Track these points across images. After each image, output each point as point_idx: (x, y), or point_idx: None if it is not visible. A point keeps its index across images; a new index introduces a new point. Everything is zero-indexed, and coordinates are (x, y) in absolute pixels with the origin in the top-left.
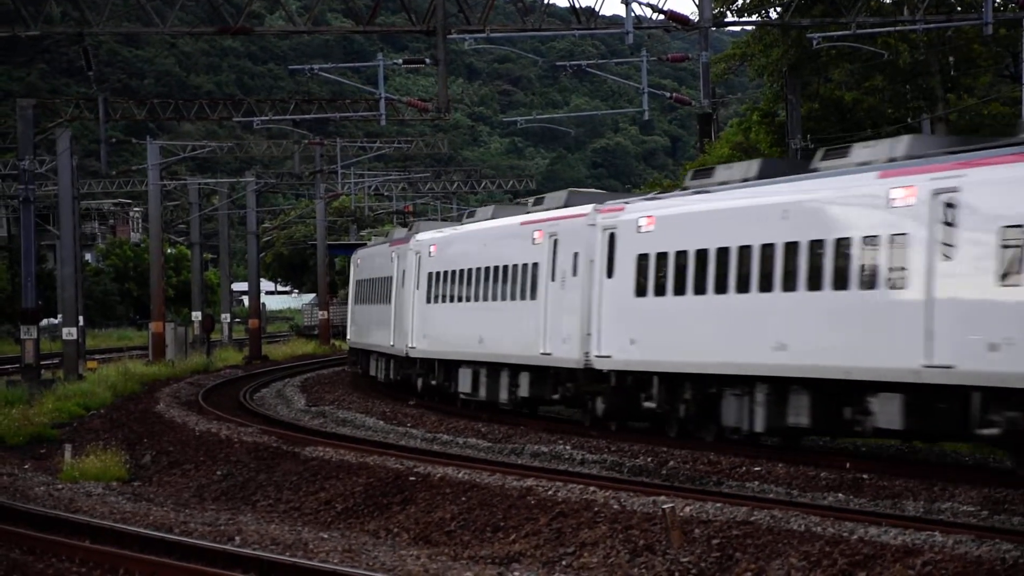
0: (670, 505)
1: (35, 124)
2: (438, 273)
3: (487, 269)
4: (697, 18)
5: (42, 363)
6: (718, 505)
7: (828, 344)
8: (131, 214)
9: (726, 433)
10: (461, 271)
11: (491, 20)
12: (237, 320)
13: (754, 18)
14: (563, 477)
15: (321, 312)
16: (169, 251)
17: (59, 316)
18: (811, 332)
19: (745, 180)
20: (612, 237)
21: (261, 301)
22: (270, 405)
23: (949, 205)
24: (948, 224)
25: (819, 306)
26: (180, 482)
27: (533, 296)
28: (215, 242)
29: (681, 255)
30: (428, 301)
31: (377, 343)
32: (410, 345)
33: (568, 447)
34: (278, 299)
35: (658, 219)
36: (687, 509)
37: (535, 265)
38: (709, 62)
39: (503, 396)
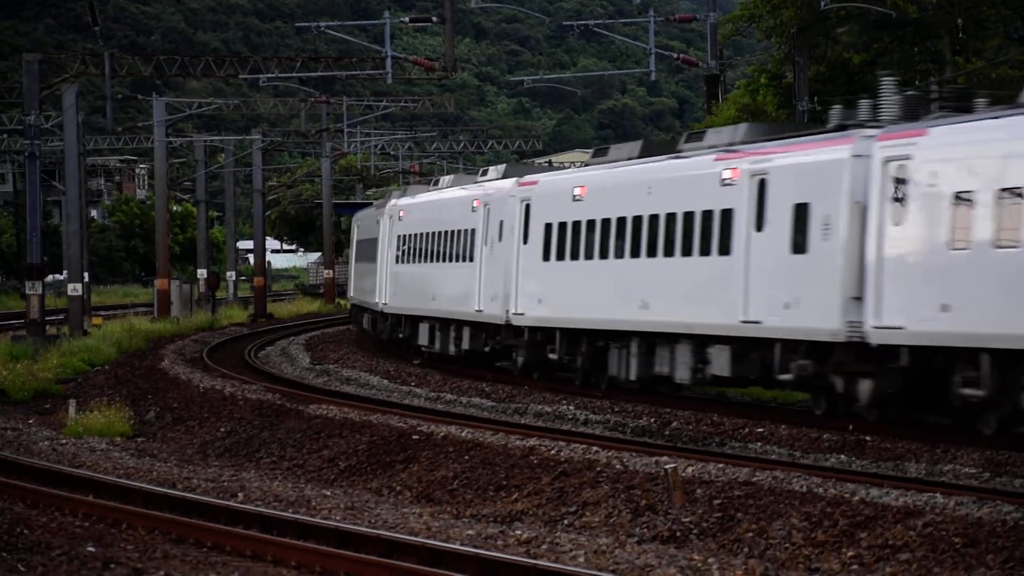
0: (672, 465)
1: (41, 79)
2: (562, 225)
3: (664, 216)
4: None
5: (47, 319)
6: (720, 466)
7: None
8: (137, 171)
9: None
10: (620, 220)
11: None
12: (242, 278)
13: None
14: (566, 437)
15: (326, 271)
16: (175, 208)
17: (64, 272)
18: None
19: None
20: None
21: (266, 259)
22: (274, 363)
23: None
24: None
25: None
26: (184, 438)
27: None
28: (221, 200)
29: None
30: (546, 258)
31: (449, 308)
32: (514, 311)
33: (572, 407)
34: (283, 257)
35: None
36: (689, 469)
37: (727, 212)
38: (717, 23)
39: (683, 374)
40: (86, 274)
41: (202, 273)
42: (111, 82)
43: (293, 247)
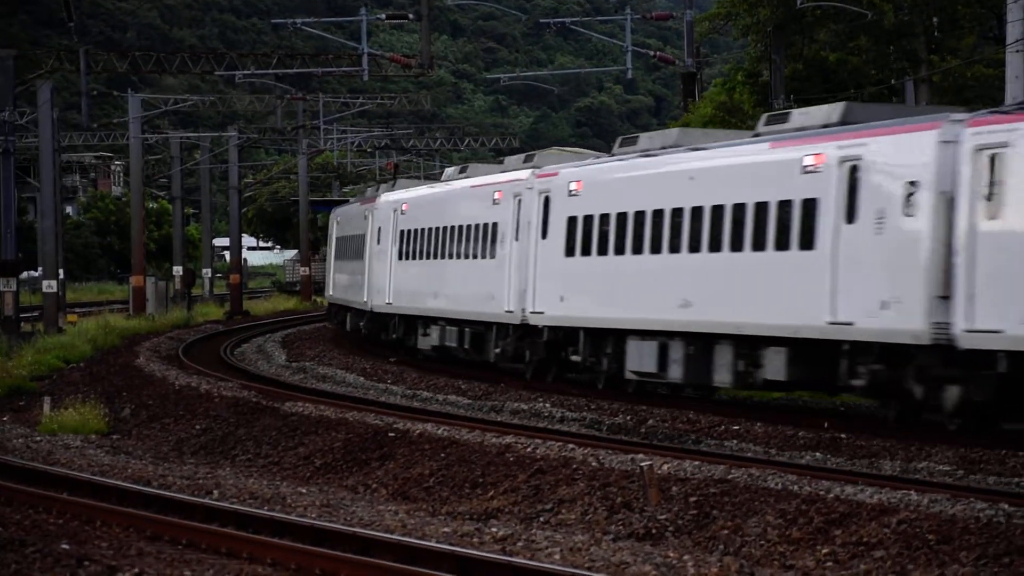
0: (648, 463)
1: (16, 75)
2: None
3: None
4: None
5: (22, 316)
6: (696, 463)
7: None
8: (112, 167)
9: None
10: None
11: None
12: (218, 275)
13: None
14: (542, 434)
15: (303, 268)
16: (150, 205)
17: (39, 269)
18: None
19: None
20: None
21: (242, 256)
22: (250, 360)
23: None
24: None
25: None
26: (159, 436)
27: None
28: (197, 197)
29: None
30: None
31: (743, 320)
32: (967, 326)
33: (548, 405)
34: (260, 255)
35: None
36: (665, 467)
37: None
38: (693, 21)
39: None
40: (61, 271)
41: (178, 270)
42: (86, 78)
43: (269, 244)
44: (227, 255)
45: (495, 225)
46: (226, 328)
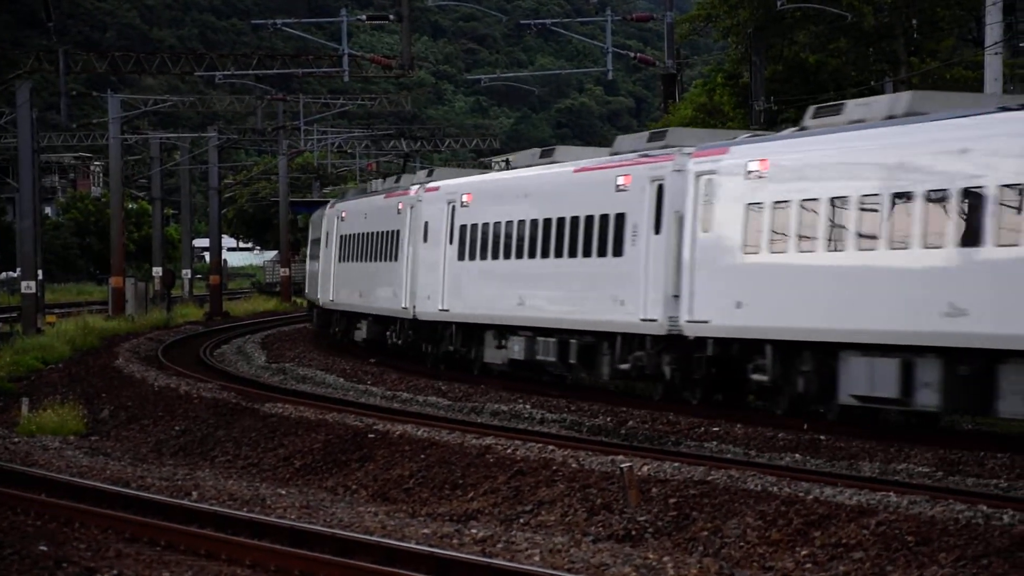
0: (628, 464)
1: None
2: None
3: None
4: None
5: (0, 316)
6: (676, 465)
7: None
8: (92, 168)
9: None
10: None
11: None
12: (198, 276)
13: None
14: (522, 436)
15: (283, 269)
16: (130, 206)
17: (18, 270)
18: None
19: None
20: None
21: (222, 257)
22: (230, 361)
23: None
24: None
25: None
26: (138, 437)
27: None
28: (177, 197)
29: None
30: None
31: None
32: None
33: (528, 406)
34: (240, 255)
35: None
36: (645, 468)
37: None
38: (674, 22)
39: None
40: (40, 271)
41: (157, 271)
42: (65, 78)
43: (249, 245)
44: (207, 256)
45: (620, 216)
46: (206, 329)
